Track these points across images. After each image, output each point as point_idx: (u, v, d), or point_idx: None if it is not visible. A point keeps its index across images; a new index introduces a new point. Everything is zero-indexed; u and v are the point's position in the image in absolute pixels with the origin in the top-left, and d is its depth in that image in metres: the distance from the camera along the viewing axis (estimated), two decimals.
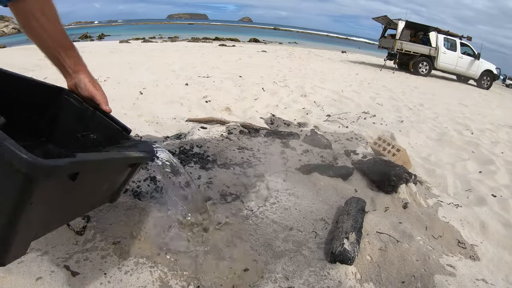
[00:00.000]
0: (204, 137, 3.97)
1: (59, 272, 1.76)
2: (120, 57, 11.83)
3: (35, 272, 1.73)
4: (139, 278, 1.81)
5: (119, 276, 1.81)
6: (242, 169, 3.19)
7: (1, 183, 0.86)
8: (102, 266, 1.86)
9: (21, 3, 1.60)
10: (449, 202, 3.23)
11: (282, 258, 2.07)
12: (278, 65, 12.54)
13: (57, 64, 1.83)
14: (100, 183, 1.58)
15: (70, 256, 1.89)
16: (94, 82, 1.87)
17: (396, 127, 5.58)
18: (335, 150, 3.97)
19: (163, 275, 1.86)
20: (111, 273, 1.82)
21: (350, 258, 1.99)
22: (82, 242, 2.03)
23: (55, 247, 1.96)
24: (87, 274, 1.79)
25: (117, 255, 1.96)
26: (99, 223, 2.18)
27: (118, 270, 1.85)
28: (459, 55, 18.21)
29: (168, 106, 5.47)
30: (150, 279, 1.81)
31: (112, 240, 2.06)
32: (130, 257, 1.96)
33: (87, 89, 1.82)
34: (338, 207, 2.65)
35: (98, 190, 1.61)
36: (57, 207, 1.24)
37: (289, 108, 6.03)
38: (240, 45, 25.07)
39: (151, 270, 1.87)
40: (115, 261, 1.92)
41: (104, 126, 1.88)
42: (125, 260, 1.93)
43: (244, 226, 2.32)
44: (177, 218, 2.33)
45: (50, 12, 1.70)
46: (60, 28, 1.76)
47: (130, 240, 2.09)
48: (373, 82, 11.16)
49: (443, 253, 2.38)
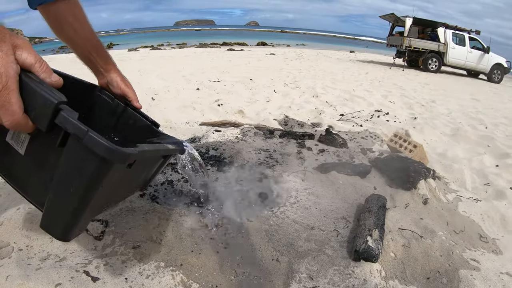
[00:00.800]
0: (219, 139, 3.98)
1: (79, 278, 1.76)
2: (129, 64, 11.90)
3: (54, 279, 1.73)
4: (160, 282, 1.80)
5: (140, 281, 1.80)
6: (260, 170, 3.20)
7: (83, 168, 1.03)
8: (122, 271, 1.86)
9: (52, 6, 1.65)
10: (468, 197, 3.21)
11: (306, 258, 2.06)
12: (287, 67, 12.55)
13: (88, 64, 1.91)
14: (142, 172, 1.69)
15: (90, 262, 1.90)
16: (125, 80, 1.97)
17: (410, 124, 5.55)
18: (351, 148, 3.96)
19: (185, 279, 1.85)
20: (132, 278, 1.82)
21: (375, 255, 1.98)
22: (101, 247, 2.04)
23: (73, 253, 1.98)
24: (107, 279, 1.79)
25: (137, 259, 1.96)
26: (117, 228, 2.19)
27: (139, 274, 1.85)
28: (468, 50, 18.07)
29: (181, 111, 5.49)
30: (172, 283, 1.80)
31: (132, 244, 2.07)
32: (150, 261, 1.96)
33: (119, 87, 1.92)
34: (358, 205, 2.64)
35: (139, 177, 1.73)
36: (112, 191, 1.41)
37: (302, 109, 6.02)
38: (248, 49, 25.15)
39: (173, 274, 1.86)
40: (135, 266, 1.92)
41: (135, 121, 1.99)
42: (146, 264, 1.93)
43: (265, 227, 2.32)
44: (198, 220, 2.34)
45: (81, 15, 1.77)
46: (90, 29, 1.83)
47: (150, 244, 2.08)
48: (383, 81, 11.12)
49: (466, 248, 2.36)
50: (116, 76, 1.92)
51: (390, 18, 20.19)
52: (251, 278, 1.92)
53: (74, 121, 0.96)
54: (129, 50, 22.17)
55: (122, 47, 27.28)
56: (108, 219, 2.26)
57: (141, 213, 2.38)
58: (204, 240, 2.16)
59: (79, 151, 0.99)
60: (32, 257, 1.94)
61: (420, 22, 18.94)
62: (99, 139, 0.95)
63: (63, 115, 0.97)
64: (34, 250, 2.00)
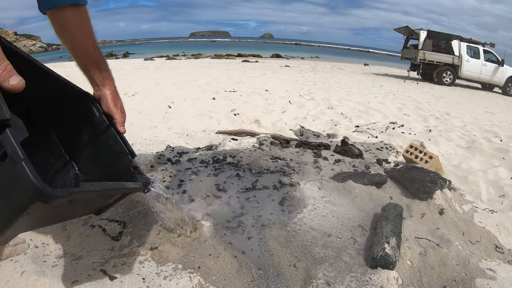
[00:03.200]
0: (236, 147, 4.05)
1: (96, 276, 1.80)
2: (146, 73, 12.04)
3: (70, 276, 1.76)
4: (178, 283, 1.83)
5: (157, 281, 1.83)
6: (277, 178, 3.24)
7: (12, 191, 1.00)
8: (140, 271, 1.90)
9: (60, 12, 1.69)
10: (484, 208, 3.21)
11: (323, 264, 2.08)
12: (302, 79, 12.60)
13: (86, 74, 1.92)
14: (93, 203, 1.65)
15: (107, 261, 1.94)
16: (116, 100, 1.95)
17: (425, 136, 5.56)
18: (367, 159, 3.99)
19: (203, 281, 1.88)
20: (149, 278, 1.85)
21: (392, 263, 2.00)
22: (119, 247, 2.08)
23: (90, 252, 2.02)
24: (124, 278, 1.82)
25: (154, 260, 2.00)
26: (135, 229, 2.23)
27: (156, 275, 1.88)
28: (482, 63, 17.93)
29: (197, 119, 5.56)
30: (190, 285, 1.83)
31: (149, 245, 2.11)
32: (168, 262, 2.00)
33: (108, 106, 1.90)
34: (375, 214, 2.66)
35: (89, 207, 1.69)
36: (48, 216, 1.37)
37: (317, 120, 6.06)
38: (263, 60, 25.24)
39: (191, 276, 1.88)
40: (153, 266, 1.95)
41: (114, 143, 1.94)
42: (163, 266, 1.96)
43: (283, 233, 2.35)
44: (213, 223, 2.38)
45: (86, 25, 1.80)
46: (94, 43, 1.86)
47: (168, 246, 2.12)
48: (397, 93, 11.12)
49: (482, 258, 2.37)
50: (109, 94, 1.91)
51: (404, 31, 20.16)
52: (269, 283, 1.95)
53: (14, 144, 0.94)
54: (145, 59, 22.36)
55: (138, 56, 27.55)
56: (126, 220, 2.30)
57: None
58: (221, 245, 2.19)
59: (12, 174, 0.94)
60: (48, 255, 1.99)
61: (434, 35, 18.87)
62: (29, 173, 0.90)
63: (6, 134, 0.95)
64: (50, 248, 2.06)
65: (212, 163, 3.54)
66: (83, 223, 2.27)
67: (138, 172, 1.95)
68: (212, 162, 3.57)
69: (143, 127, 4.88)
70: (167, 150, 3.94)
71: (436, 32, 18.91)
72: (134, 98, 6.98)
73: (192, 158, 3.69)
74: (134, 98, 6.98)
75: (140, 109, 6.06)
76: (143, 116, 5.60)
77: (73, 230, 2.21)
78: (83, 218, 2.33)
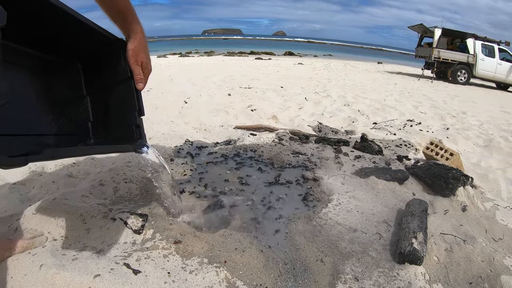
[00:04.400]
0: (256, 142, 4.05)
1: (119, 270, 1.76)
2: (159, 70, 12.06)
3: (92, 269, 1.73)
4: (205, 278, 1.82)
5: (183, 276, 1.82)
6: (300, 172, 3.25)
7: None
8: (165, 265, 1.88)
9: None
10: (505, 206, 3.20)
11: (350, 259, 2.08)
12: (316, 77, 12.57)
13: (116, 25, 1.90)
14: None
15: (129, 255, 1.92)
16: (138, 55, 1.93)
17: (443, 134, 5.54)
18: (387, 156, 3.98)
19: (230, 276, 1.87)
20: (175, 272, 1.84)
21: (420, 258, 2.00)
22: (141, 241, 2.07)
23: (111, 245, 2.01)
24: (149, 272, 1.80)
25: (179, 254, 1.99)
26: (158, 223, 2.22)
27: (182, 269, 1.87)
28: (498, 62, 17.69)
29: (214, 115, 5.58)
30: (217, 279, 1.82)
31: (173, 239, 2.10)
32: (193, 256, 1.99)
33: (128, 61, 1.89)
34: (398, 210, 2.65)
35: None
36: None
37: (335, 117, 6.06)
38: (275, 58, 25.21)
39: (217, 270, 1.88)
40: (178, 260, 1.94)
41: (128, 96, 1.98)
42: (189, 260, 1.95)
43: (309, 228, 2.35)
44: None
45: None
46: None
47: (192, 240, 2.11)
48: (412, 92, 11.06)
49: (505, 255, 2.35)
50: (131, 49, 1.88)
51: (418, 29, 19.99)
52: (296, 278, 1.95)
53: None
54: (158, 57, 22.42)
55: (151, 54, 27.41)
56: (147, 213, 2.30)
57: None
58: (247, 239, 2.18)
59: None
60: (67, 248, 1.98)
61: (449, 33, 18.69)
62: None
63: None
64: (69, 241, 2.05)
65: (233, 157, 3.55)
66: (103, 216, 2.26)
67: (139, 131, 1.99)
68: (232, 156, 3.58)
69: (160, 122, 4.90)
70: (186, 144, 3.96)
71: (451, 30, 18.74)
72: (149, 94, 7.00)
73: (212, 152, 3.70)
74: (149, 94, 7.00)
75: (156, 104, 6.09)
76: (159, 111, 5.63)
77: (93, 223, 2.20)
78: (103, 211, 2.32)
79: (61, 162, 3.32)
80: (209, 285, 1.80)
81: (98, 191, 2.65)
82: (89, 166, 3.34)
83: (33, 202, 2.49)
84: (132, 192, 2.72)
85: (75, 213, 2.24)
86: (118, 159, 3.34)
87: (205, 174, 3.13)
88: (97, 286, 1.65)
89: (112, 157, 3.46)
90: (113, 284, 1.67)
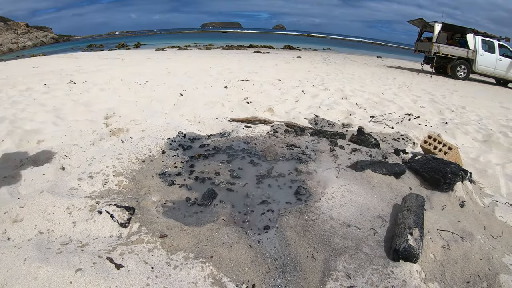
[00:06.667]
0: (249, 134, 4.01)
1: (102, 264, 1.75)
2: (157, 63, 12.05)
3: (74, 263, 1.71)
4: (189, 273, 1.78)
5: (167, 271, 1.79)
6: (293, 165, 3.19)
7: None
8: (149, 260, 1.85)
9: None
10: (504, 202, 3.14)
11: (342, 256, 2.01)
12: (315, 70, 12.52)
13: None
14: None
15: (114, 249, 1.89)
16: None
17: (442, 129, 5.47)
18: (384, 149, 3.92)
19: (215, 271, 1.83)
20: (158, 267, 1.80)
21: (415, 255, 1.92)
22: (127, 235, 2.04)
23: (96, 239, 1.99)
24: (132, 267, 1.77)
25: (165, 248, 1.96)
26: (144, 216, 2.19)
27: (166, 264, 1.84)
28: (497, 57, 17.60)
29: (209, 107, 5.53)
30: (202, 275, 1.78)
31: (159, 233, 2.06)
32: (179, 251, 1.95)
33: None
34: (394, 204, 2.59)
35: None
36: None
37: (332, 110, 5.99)
38: (275, 51, 25.24)
39: (203, 266, 1.84)
40: (162, 255, 1.91)
41: None
42: (174, 254, 1.92)
43: (301, 222, 2.28)
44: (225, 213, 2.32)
45: None
46: None
47: (179, 234, 2.07)
48: (411, 86, 11.01)
49: (504, 253, 2.29)
50: None
51: (418, 23, 19.89)
52: (286, 274, 1.90)
53: None
54: (157, 50, 22.45)
55: (149, 47, 27.60)
56: (135, 206, 2.26)
57: (171, 202, 2.40)
58: (235, 233, 2.14)
59: None
60: (52, 241, 1.95)
61: (449, 28, 18.59)
62: None
63: None
64: (55, 234, 2.02)
65: (225, 149, 3.49)
66: (90, 209, 2.24)
67: None
68: (225, 148, 3.53)
69: (154, 114, 4.85)
70: (179, 137, 3.91)
71: (451, 25, 18.65)
72: (145, 87, 6.96)
73: (204, 144, 3.66)
74: (145, 87, 6.96)
75: (151, 96, 6.05)
76: (154, 103, 5.59)
77: (79, 216, 2.18)
78: (90, 203, 2.30)
79: (52, 155, 3.29)
80: (194, 281, 1.75)
81: (87, 184, 2.64)
82: (80, 158, 3.31)
83: (23, 195, 2.47)
84: (120, 185, 2.69)
85: (62, 206, 2.22)
86: (108, 151, 3.30)
87: (195, 166, 3.07)
88: (78, 281, 1.62)
89: (102, 150, 3.43)
90: (94, 279, 1.64)
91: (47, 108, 5.05)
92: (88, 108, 5.17)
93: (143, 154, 3.27)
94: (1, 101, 5.51)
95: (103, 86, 6.96)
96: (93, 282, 1.63)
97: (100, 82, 7.40)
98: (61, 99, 5.71)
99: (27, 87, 6.72)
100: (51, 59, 14.42)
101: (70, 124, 4.35)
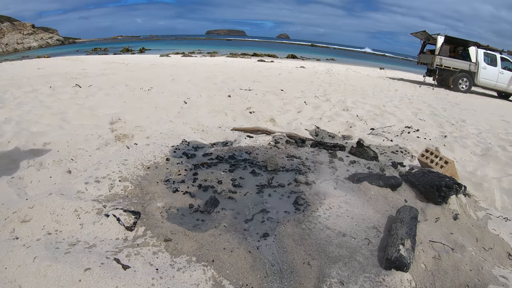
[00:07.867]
0: (251, 144, 4.08)
1: (109, 265, 1.82)
2: (161, 69, 12.10)
3: (83, 263, 1.79)
4: (191, 275, 1.86)
5: (171, 273, 1.86)
6: (293, 176, 3.26)
7: None
8: (153, 262, 1.93)
9: None
10: (498, 215, 3.20)
11: (337, 263, 2.09)
12: (318, 81, 12.55)
13: None
14: None
15: (120, 250, 1.98)
16: None
17: (441, 142, 5.52)
18: (382, 162, 3.99)
19: (216, 275, 1.90)
20: (163, 269, 1.88)
21: (406, 265, 2.01)
22: (132, 238, 2.13)
23: (103, 241, 2.07)
24: (138, 268, 1.85)
25: (169, 252, 2.04)
26: (150, 220, 2.26)
27: (170, 266, 1.92)
28: (499, 71, 17.51)
29: (213, 116, 5.60)
30: (203, 278, 1.86)
31: (164, 237, 2.15)
32: (182, 254, 2.03)
33: None
34: (389, 216, 2.66)
35: None
36: None
37: (333, 121, 6.05)
38: (278, 61, 25.22)
39: (204, 269, 1.91)
40: (167, 258, 1.99)
41: None
42: (177, 258, 2.00)
43: (298, 231, 2.36)
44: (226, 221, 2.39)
45: None
46: None
47: (183, 238, 2.16)
48: (413, 98, 11.03)
49: (495, 265, 2.36)
50: None
51: (421, 35, 19.86)
52: (282, 280, 1.97)
53: None
54: (161, 56, 22.49)
55: (154, 52, 27.65)
56: (140, 210, 2.33)
57: (175, 208, 2.47)
58: (236, 239, 2.22)
59: None
60: (60, 242, 2.04)
61: (452, 41, 18.54)
62: None
63: None
64: (63, 235, 2.11)
65: (228, 159, 3.57)
66: (97, 212, 2.33)
67: None
68: (227, 157, 3.61)
69: (159, 121, 4.94)
70: (183, 144, 3.99)
71: (454, 38, 18.61)
72: (149, 93, 7.04)
73: (207, 153, 3.73)
74: (149, 93, 7.04)
75: (156, 103, 6.13)
76: (158, 110, 5.66)
77: (86, 218, 2.26)
78: (97, 207, 2.38)
79: (59, 158, 3.35)
80: (196, 282, 1.83)
81: (94, 188, 2.72)
82: (86, 162, 3.38)
83: (30, 196, 2.53)
84: (126, 190, 2.76)
85: (70, 208, 2.30)
86: (114, 157, 3.37)
87: (199, 174, 3.15)
88: (87, 279, 1.71)
89: (108, 155, 3.50)
90: (102, 278, 1.73)
91: (53, 111, 5.16)
92: (93, 112, 5.27)
93: (148, 161, 3.36)
94: (7, 101, 5.62)
95: (108, 91, 7.08)
96: (101, 281, 1.71)
97: (105, 86, 7.52)
98: (67, 102, 5.82)
99: (33, 88, 6.84)
100: (56, 61, 14.53)
101: (76, 128, 4.45)
